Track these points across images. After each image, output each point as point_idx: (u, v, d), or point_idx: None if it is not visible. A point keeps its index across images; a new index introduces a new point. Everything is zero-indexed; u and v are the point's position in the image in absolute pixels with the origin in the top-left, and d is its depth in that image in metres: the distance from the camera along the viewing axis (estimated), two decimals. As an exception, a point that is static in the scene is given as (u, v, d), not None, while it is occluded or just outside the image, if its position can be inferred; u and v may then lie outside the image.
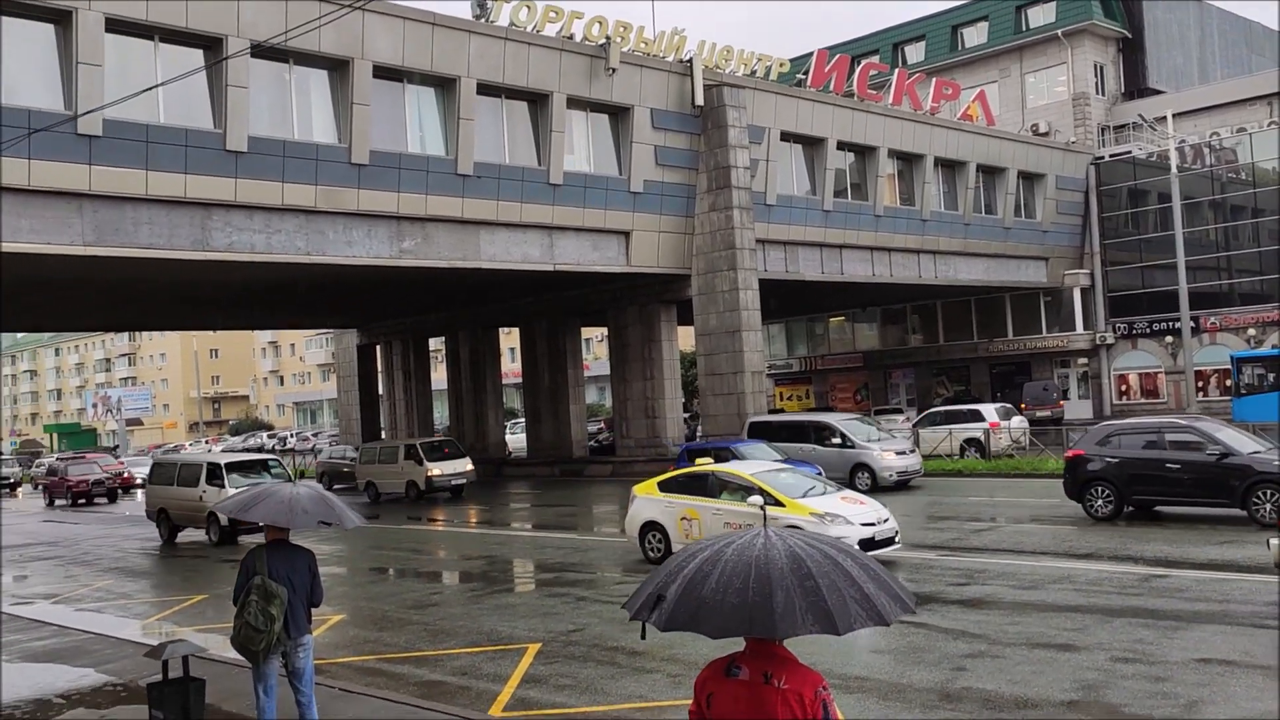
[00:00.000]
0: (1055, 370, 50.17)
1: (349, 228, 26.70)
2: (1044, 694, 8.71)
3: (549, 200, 30.31)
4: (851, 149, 38.65)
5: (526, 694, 9.75)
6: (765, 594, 3.56)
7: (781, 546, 3.72)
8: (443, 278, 31.15)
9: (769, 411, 41.04)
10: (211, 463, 24.47)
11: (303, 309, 43.46)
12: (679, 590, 3.71)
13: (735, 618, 3.55)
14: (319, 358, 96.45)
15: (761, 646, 3.76)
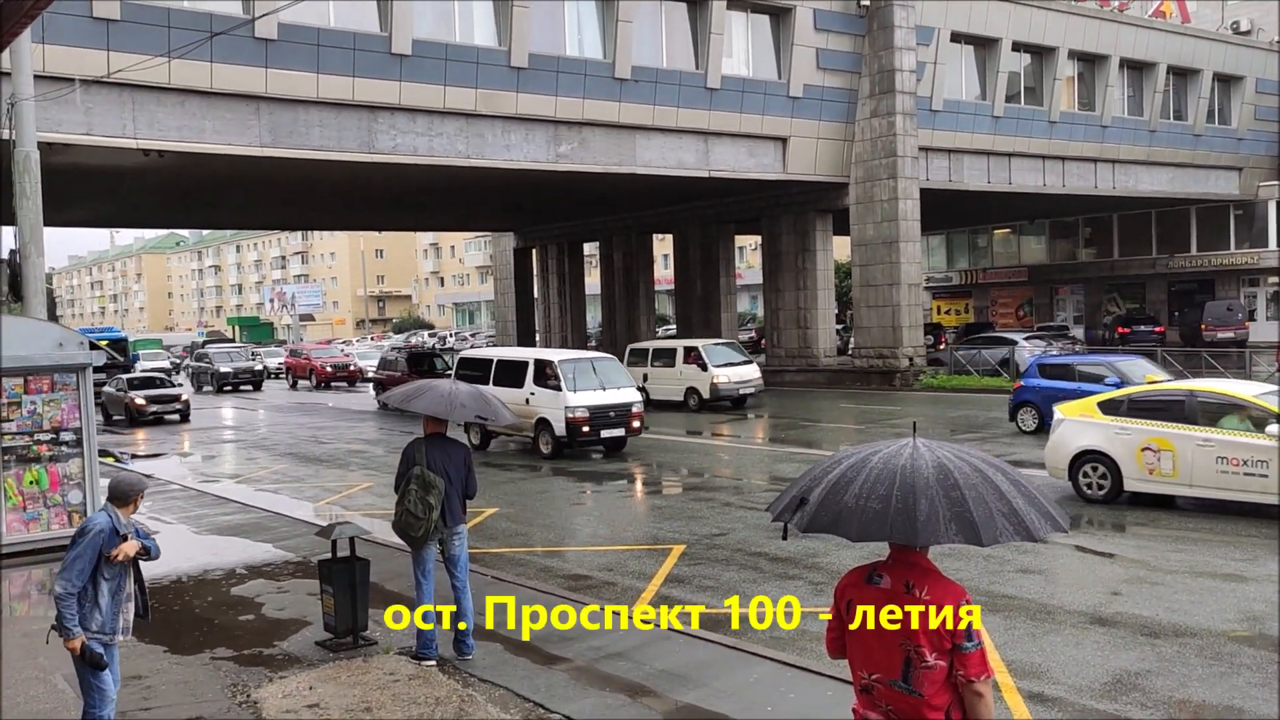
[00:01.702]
0: (1242, 289, 46.96)
1: (507, 131, 27.02)
2: (1204, 623, 8.39)
3: (705, 105, 29.88)
4: (1027, 50, 36.52)
5: (670, 593, 9.99)
6: (909, 501, 3.52)
7: (929, 457, 3.66)
8: (598, 183, 31.28)
9: (929, 326, 39.43)
10: (541, 360, 20.56)
11: (462, 211, 44.50)
12: (822, 494, 3.70)
13: (877, 522, 3.52)
14: (477, 260, 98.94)
15: (904, 556, 3.73)
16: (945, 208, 40.05)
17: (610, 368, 20.73)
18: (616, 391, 19.81)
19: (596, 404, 19.31)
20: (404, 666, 7.86)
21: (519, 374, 20.34)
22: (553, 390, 19.43)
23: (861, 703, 3.83)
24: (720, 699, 6.97)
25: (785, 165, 32.08)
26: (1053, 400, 18.58)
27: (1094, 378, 19.07)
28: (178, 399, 31.20)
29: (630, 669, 7.60)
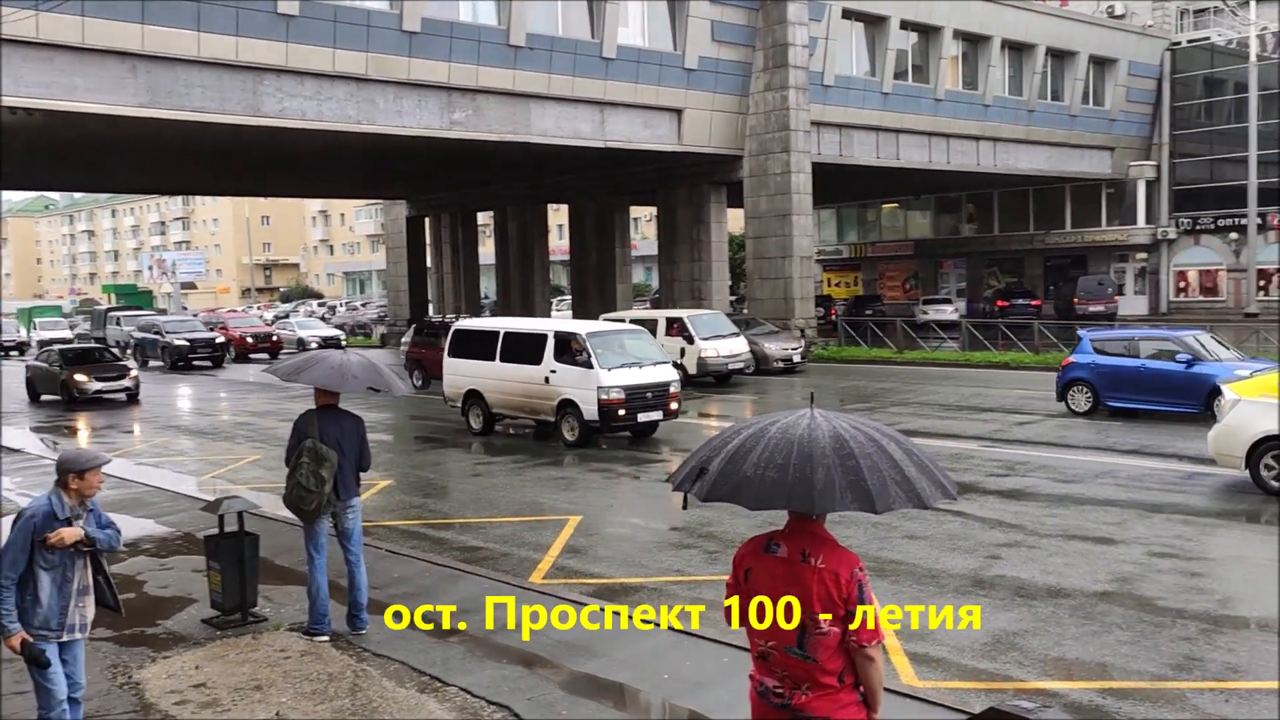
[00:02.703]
0: (1112, 265, 49.10)
1: (399, 97, 26.43)
2: (1077, 584, 8.79)
3: (601, 75, 29.72)
4: (915, 29, 37.28)
5: (566, 563, 10.01)
6: (806, 470, 3.58)
7: (826, 427, 3.73)
8: (492, 151, 30.86)
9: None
10: (563, 332, 17.70)
11: (353, 179, 43.45)
12: (722, 463, 3.74)
13: (775, 491, 3.58)
14: (368, 228, 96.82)
15: (801, 525, 3.80)
16: (836, 182, 40.74)
17: (642, 342, 17.99)
18: (653, 369, 17.11)
19: (633, 383, 16.54)
20: (296, 643, 7.71)
21: (535, 349, 17.41)
22: (581, 368, 16.54)
23: (758, 669, 3.90)
24: (618, 668, 7.03)
25: (681, 137, 32.17)
26: (1111, 378, 18.10)
27: (1161, 354, 17.75)
28: (125, 374, 26.81)
29: (527, 639, 7.60)
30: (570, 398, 16.64)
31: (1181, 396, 17.24)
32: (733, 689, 6.43)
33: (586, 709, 6.41)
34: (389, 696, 6.70)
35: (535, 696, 6.59)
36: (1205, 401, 16.63)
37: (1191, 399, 17.12)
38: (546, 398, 17.07)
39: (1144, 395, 17.78)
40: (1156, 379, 17.54)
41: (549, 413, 17.12)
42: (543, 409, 17.28)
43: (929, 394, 23.00)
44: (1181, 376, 17.20)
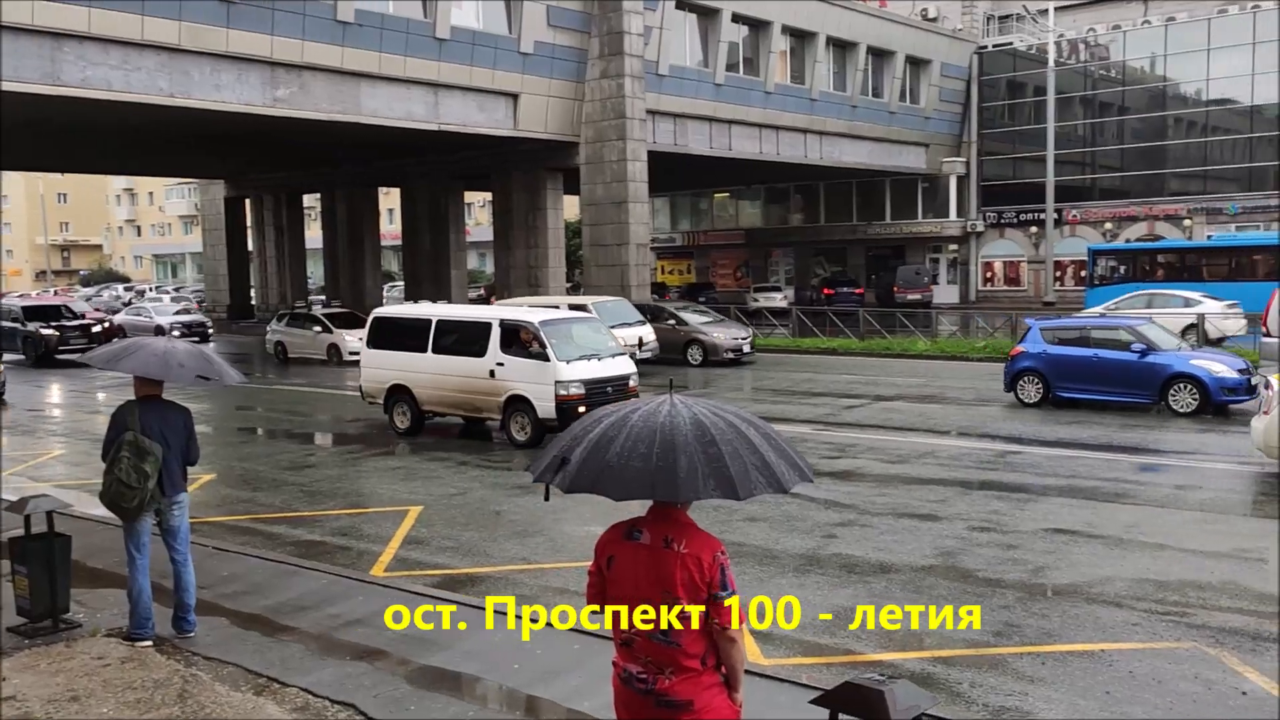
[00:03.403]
0: (928, 255, 51.66)
1: (217, 70, 25.15)
2: (905, 560, 9.20)
3: (435, 56, 29.10)
4: (746, 22, 38.10)
5: (408, 555, 9.79)
6: (669, 459, 3.58)
7: (687, 414, 3.73)
8: (320, 131, 29.79)
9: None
10: (512, 321, 16.10)
11: (165, 155, 41.08)
12: (583, 454, 3.70)
13: (638, 481, 3.57)
14: (181, 209, 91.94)
15: (663, 511, 3.80)
16: (670, 170, 41.29)
17: (593, 330, 16.75)
18: (611, 361, 15.86)
19: (593, 377, 15.25)
20: (115, 649, 7.24)
21: (476, 339, 15.77)
22: (536, 360, 15.12)
23: (621, 656, 3.89)
24: (466, 659, 6.92)
25: (517, 122, 31.87)
26: (1062, 368, 17.57)
27: (1115, 344, 17.43)
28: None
29: (371, 635, 7.38)
30: (521, 393, 15.11)
31: (1135, 386, 17.06)
32: (586, 675, 6.43)
33: (436, 703, 6.27)
34: (222, 701, 6.37)
35: (382, 692, 6.41)
36: (1160, 391, 16.84)
37: (1145, 389, 17.00)
38: (491, 393, 15.51)
39: (1097, 385, 17.45)
40: (1110, 369, 17.22)
41: (494, 410, 15.54)
42: (486, 406, 15.69)
43: (836, 382, 23.60)
44: (1136, 366, 16.96)
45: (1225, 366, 16.77)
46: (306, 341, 30.35)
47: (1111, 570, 8.76)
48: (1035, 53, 47.13)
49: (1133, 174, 46.42)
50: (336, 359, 29.19)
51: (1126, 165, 46.76)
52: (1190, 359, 17.01)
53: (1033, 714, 6.08)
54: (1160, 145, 46.06)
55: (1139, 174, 46.25)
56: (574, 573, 8.96)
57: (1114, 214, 46.42)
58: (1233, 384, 16.54)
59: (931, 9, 49.83)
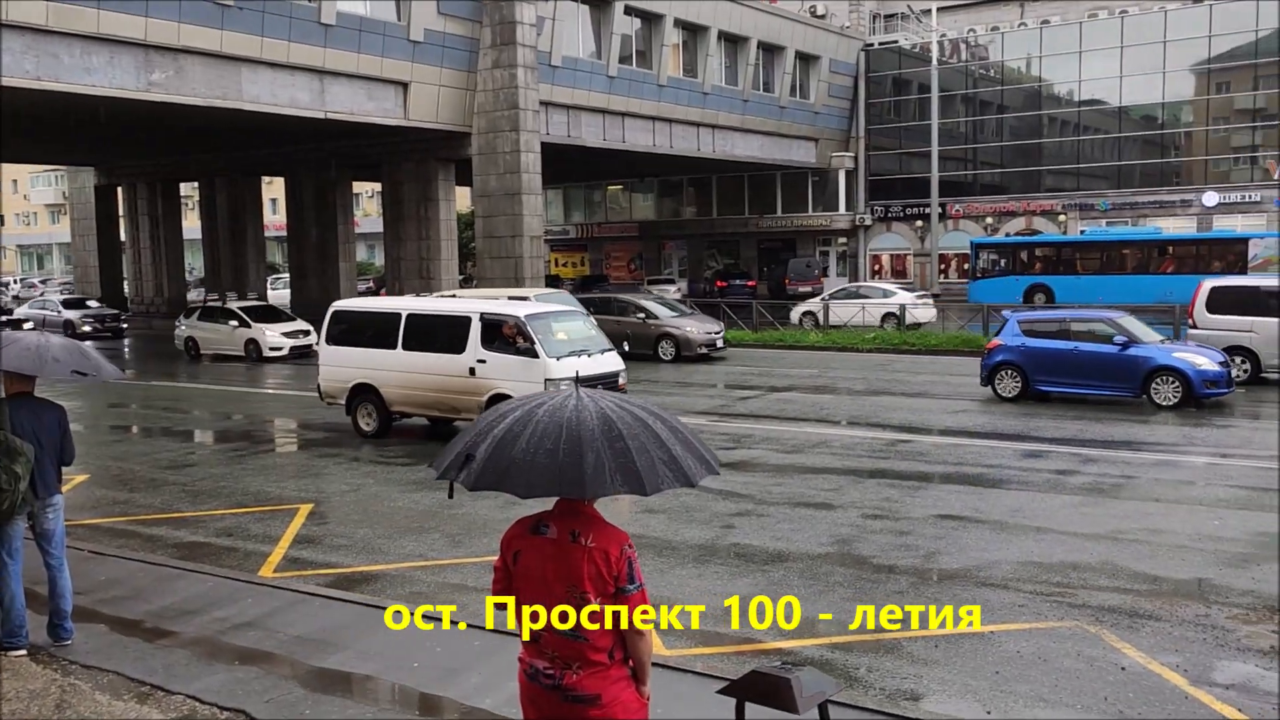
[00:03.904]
0: (818, 248, 52.65)
1: (87, 52, 24.01)
2: (802, 548, 9.34)
3: (320, 41, 28.34)
4: (638, 15, 38.16)
5: (299, 554, 9.52)
6: (576, 455, 3.54)
7: (593, 408, 3.70)
8: (198, 117, 28.73)
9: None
10: (493, 315, 15.03)
11: (30, 141, 39.03)
12: (489, 450, 3.64)
13: (545, 477, 3.52)
14: (48, 196, 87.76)
15: (570, 506, 3.77)
16: (564, 162, 41.13)
17: (582, 324, 15.79)
18: (601, 357, 14.87)
19: (585, 375, 13.57)
20: (-13, 661, 6.85)
21: (454, 334, 14.66)
22: (523, 357, 14.07)
23: (528, 651, 3.84)
24: (363, 660, 6.76)
25: (407, 111, 31.28)
26: (1042, 362, 17.26)
27: (1095, 337, 17.20)
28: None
29: (262, 638, 7.15)
30: (505, 392, 13.85)
31: (1117, 380, 16.84)
32: (488, 672, 6.35)
33: (332, 706, 6.11)
34: (103, 711, 6.10)
35: (275, 697, 6.21)
36: (1142, 385, 16.61)
37: (1127, 383, 16.77)
38: (471, 393, 14.38)
39: (1077, 379, 17.19)
40: (1091, 362, 16.98)
41: (473, 410, 14.29)
42: (464, 406, 14.54)
43: (731, 374, 23.70)
44: (1118, 359, 16.77)
45: (1207, 359, 16.55)
46: (222, 337, 28.74)
47: (998, 554, 9.06)
48: (919, 51, 48.40)
49: (1012, 170, 48.12)
50: (256, 355, 27.82)
51: (1006, 162, 48.43)
52: (1173, 352, 16.78)
53: (926, 695, 6.24)
54: (1037, 143, 47.84)
55: (1017, 170, 47.96)
56: (473, 568, 8.85)
57: (994, 209, 48.04)
58: (1213, 376, 16.37)
59: (820, 6, 50.73)
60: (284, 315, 29.95)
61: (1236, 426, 15.31)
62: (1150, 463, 12.82)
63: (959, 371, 21.54)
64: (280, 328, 28.34)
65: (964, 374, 20.71)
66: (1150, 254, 36.63)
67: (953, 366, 22.79)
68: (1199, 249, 36.44)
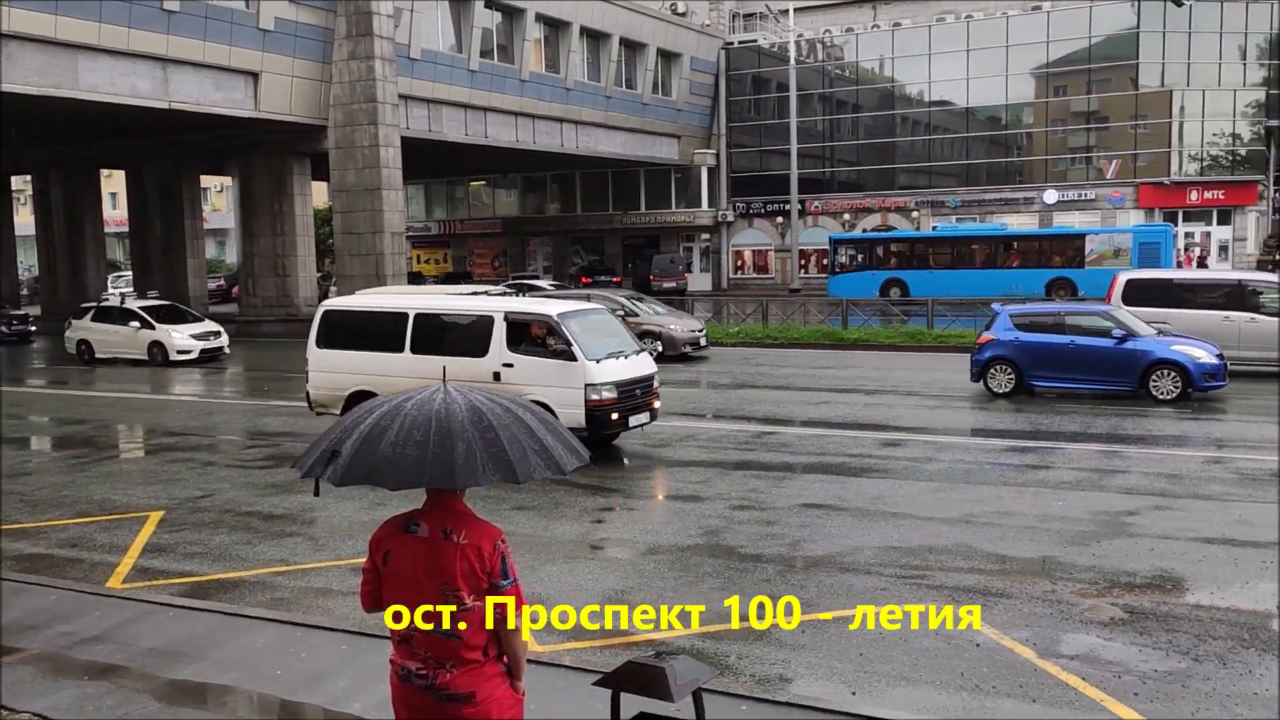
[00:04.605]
0: (681, 244, 53.23)
1: (-94, 36, 22.40)
2: (673, 540, 9.43)
3: (163, 28, 27.11)
4: (499, 9, 37.82)
5: (150, 564, 9.09)
6: (446, 446, 3.50)
7: (462, 401, 3.66)
8: (31, 107, 27.08)
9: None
10: (520, 314, 13.97)
11: None
12: (355, 445, 3.55)
13: (415, 469, 3.47)
14: None
15: (440, 502, 3.70)
16: (425, 157, 40.44)
17: (612, 322, 14.44)
18: (637, 359, 13.48)
19: (625, 378, 12.93)
20: None
21: (473, 336, 13.31)
22: (559, 360, 12.74)
23: (399, 653, 3.76)
24: (221, 670, 6.50)
25: (258, 102, 30.22)
26: (1036, 356, 16.98)
27: (1092, 330, 16.92)
28: None
29: (112, 651, 6.80)
30: (537, 399, 12.14)
31: (1115, 374, 16.59)
32: (356, 677, 6.19)
33: (188, 718, 5.85)
34: (-64, 738, 5.70)
35: (128, 712, 5.91)
36: (1140, 379, 16.39)
37: (1126, 376, 16.52)
38: None
39: (1073, 374, 16.89)
40: (1088, 356, 16.70)
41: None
42: None
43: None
44: (1116, 353, 16.52)
45: (1205, 352, 16.42)
46: (123, 339, 26.54)
47: (860, 540, 9.33)
48: (778, 51, 49.45)
49: (867, 168, 49.67)
50: (161, 358, 25.92)
51: (862, 160, 49.96)
52: (1171, 345, 16.58)
53: (794, 679, 6.39)
54: (890, 142, 49.49)
55: (873, 168, 49.53)
56: (338, 572, 8.62)
57: (851, 205, 49.50)
58: (1211, 369, 16.23)
59: (680, 4, 51.27)
60: (191, 315, 28.08)
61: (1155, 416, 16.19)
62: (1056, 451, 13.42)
63: (821, 365, 22.14)
64: (189, 329, 26.47)
65: (826, 366, 21.28)
66: (997, 249, 38.36)
67: (816, 359, 23.44)
68: (1041, 244, 38.38)
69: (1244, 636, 6.86)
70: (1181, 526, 9.57)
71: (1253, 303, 18.60)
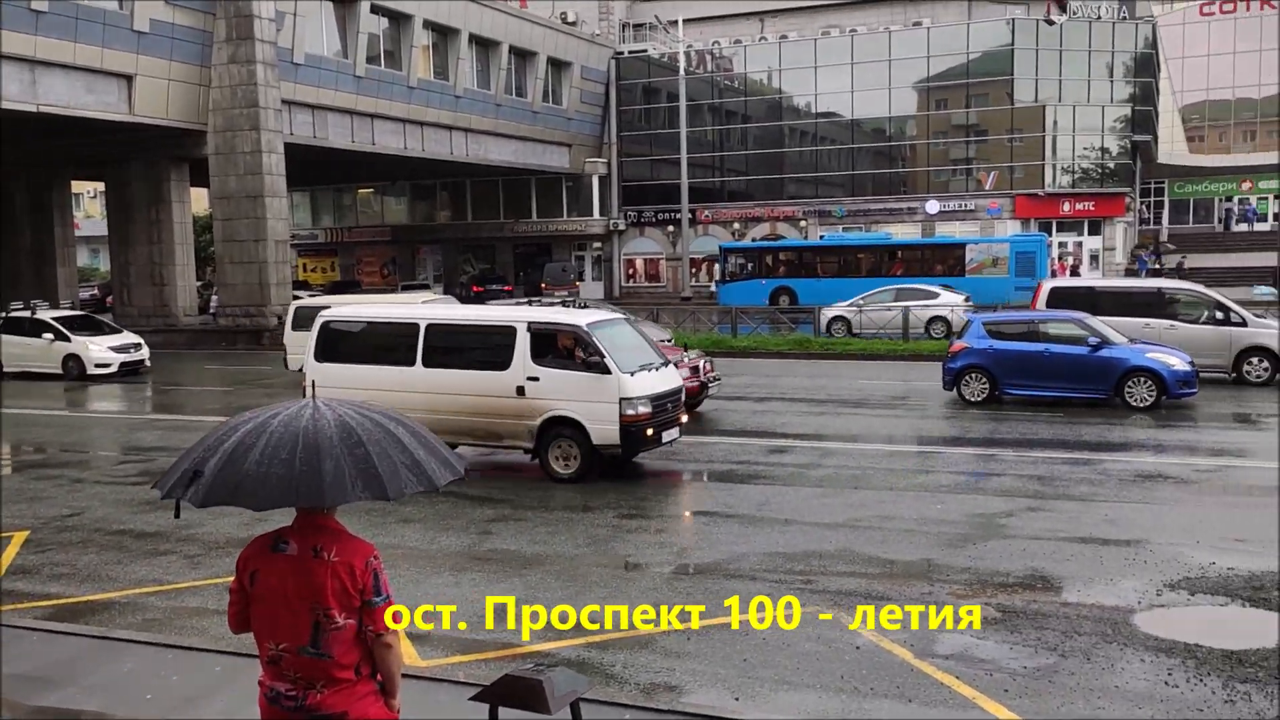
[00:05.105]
0: (573, 253, 53.23)
1: None
2: (559, 550, 9.42)
3: (30, 29, 25.95)
4: (386, 14, 37.29)
5: (15, 586, 8.66)
6: (313, 463, 3.43)
7: (331, 416, 3.59)
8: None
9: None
10: (546, 324, 13.08)
11: None
12: (219, 464, 3.45)
13: (281, 488, 3.39)
14: None
15: (310, 519, 3.63)
16: (310, 164, 39.59)
17: (635, 333, 13.60)
18: (666, 371, 12.92)
19: (658, 391, 12.32)
20: None
21: (494, 348, 12.53)
22: (590, 374, 12.05)
23: (269, 674, 3.67)
24: (89, 695, 6.23)
25: (132, 106, 29.16)
26: (1011, 364, 16.88)
27: (1067, 338, 16.86)
28: None
29: (-34, 684, 6.45)
30: (566, 414, 12.04)
31: (1090, 381, 16.56)
32: (231, 699, 6.01)
33: (51, 752, 5.61)
34: None
35: (-18, 748, 5.63)
36: (1116, 386, 16.36)
37: (1101, 384, 16.50)
38: (519, 416, 12.29)
39: (1048, 381, 16.87)
40: (1063, 364, 16.69)
41: (522, 436, 12.39)
42: (510, 432, 12.51)
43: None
44: (1090, 360, 16.51)
45: (1178, 359, 16.51)
46: (35, 353, 24.68)
47: (747, 547, 9.46)
48: (668, 61, 49.90)
49: (757, 178, 50.47)
50: (77, 372, 24.17)
51: (751, 169, 50.74)
52: (1146, 352, 16.63)
53: (679, 687, 6.44)
54: (779, 152, 50.40)
55: (762, 178, 50.35)
56: (214, 590, 8.36)
57: (741, 214, 50.22)
58: (1184, 376, 16.31)
59: (571, 13, 51.30)
60: (109, 327, 26.47)
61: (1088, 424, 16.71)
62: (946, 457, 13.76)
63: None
64: (107, 341, 24.90)
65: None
66: (882, 258, 39.37)
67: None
68: (924, 253, 39.53)
69: (1107, 632, 7.17)
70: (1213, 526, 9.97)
71: (1171, 310, 19.19)
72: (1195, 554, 8.85)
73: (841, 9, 51.33)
